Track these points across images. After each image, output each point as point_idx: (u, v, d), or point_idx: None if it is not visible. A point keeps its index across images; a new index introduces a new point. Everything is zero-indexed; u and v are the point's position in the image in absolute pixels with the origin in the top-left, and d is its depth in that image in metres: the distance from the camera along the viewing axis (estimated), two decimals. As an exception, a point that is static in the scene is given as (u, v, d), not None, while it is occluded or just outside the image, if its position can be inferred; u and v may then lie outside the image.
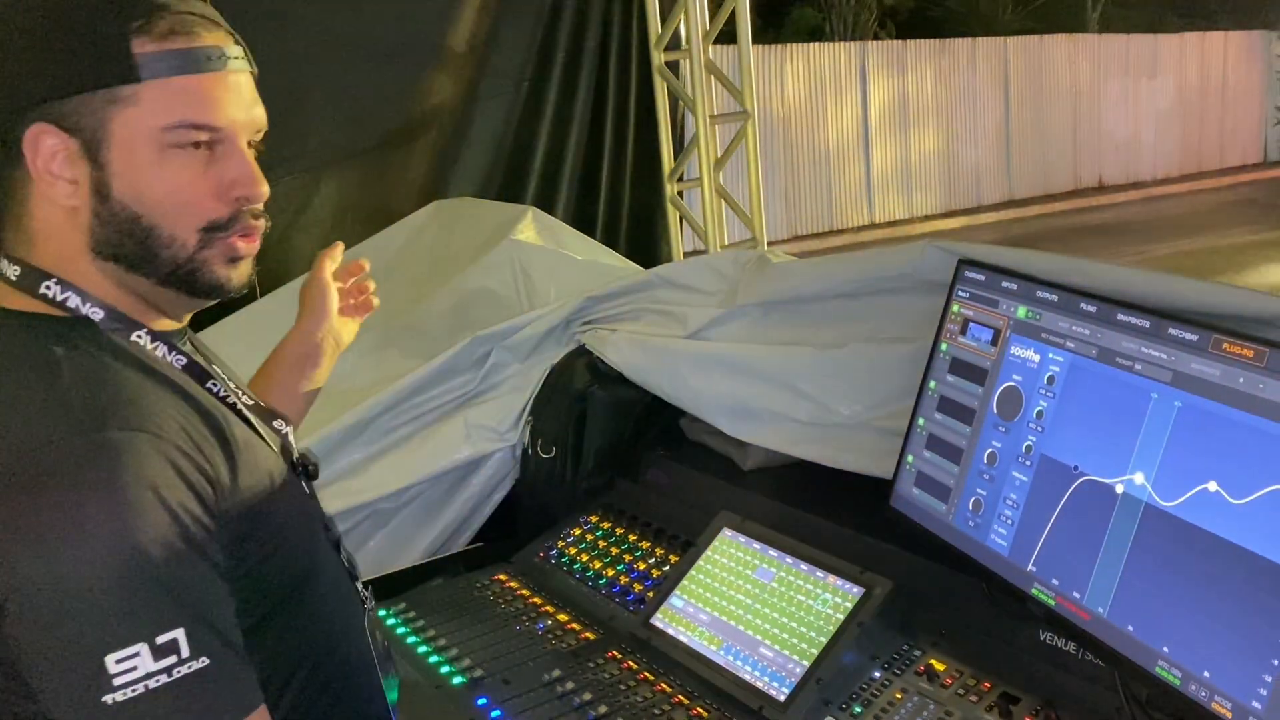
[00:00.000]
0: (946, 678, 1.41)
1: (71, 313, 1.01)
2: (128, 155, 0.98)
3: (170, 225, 1.01)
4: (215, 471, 0.97)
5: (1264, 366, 1.09)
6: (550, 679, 1.57)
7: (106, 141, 0.97)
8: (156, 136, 0.98)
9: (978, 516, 1.41)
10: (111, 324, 1.02)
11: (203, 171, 1.01)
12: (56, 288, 1.01)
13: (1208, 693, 1.08)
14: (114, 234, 1.00)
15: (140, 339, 1.04)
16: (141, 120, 0.97)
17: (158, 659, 0.86)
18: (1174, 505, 1.15)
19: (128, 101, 0.97)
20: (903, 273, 1.59)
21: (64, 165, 0.97)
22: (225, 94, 1.01)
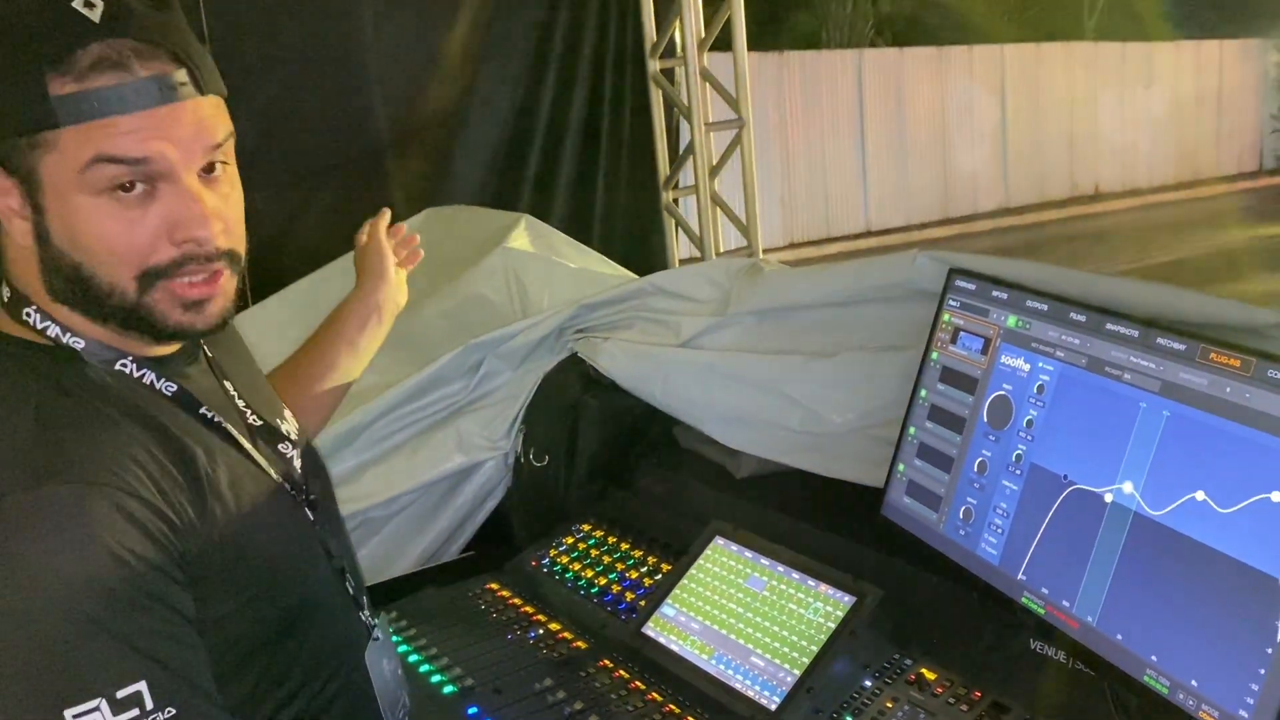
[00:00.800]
0: (937, 686, 1.40)
1: (54, 341, 0.99)
2: (59, 200, 0.94)
3: (107, 273, 0.96)
4: (180, 515, 0.95)
5: (1250, 376, 1.09)
6: (541, 688, 1.56)
7: (39, 186, 0.94)
8: (78, 180, 0.93)
9: (968, 525, 1.41)
10: (93, 352, 1.00)
11: (140, 214, 0.95)
12: (36, 316, 1.00)
13: (1195, 701, 1.08)
14: (59, 279, 0.97)
15: (125, 367, 1.01)
16: (64, 164, 0.93)
17: (118, 713, 0.85)
18: (1162, 514, 1.15)
19: (50, 146, 0.92)
20: (894, 282, 1.60)
21: (16, 202, 0.96)
22: (157, 126, 0.94)
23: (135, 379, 1.02)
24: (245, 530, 1.01)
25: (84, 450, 0.91)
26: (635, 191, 4.48)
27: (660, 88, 4.43)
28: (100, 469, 0.91)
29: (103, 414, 0.95)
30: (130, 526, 0.90)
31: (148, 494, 0.92)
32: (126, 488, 0.91)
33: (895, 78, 13.62)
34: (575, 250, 2.60)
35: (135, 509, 0.91)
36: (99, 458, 0.92)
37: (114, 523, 0.89)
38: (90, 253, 0.95)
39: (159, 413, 1.00)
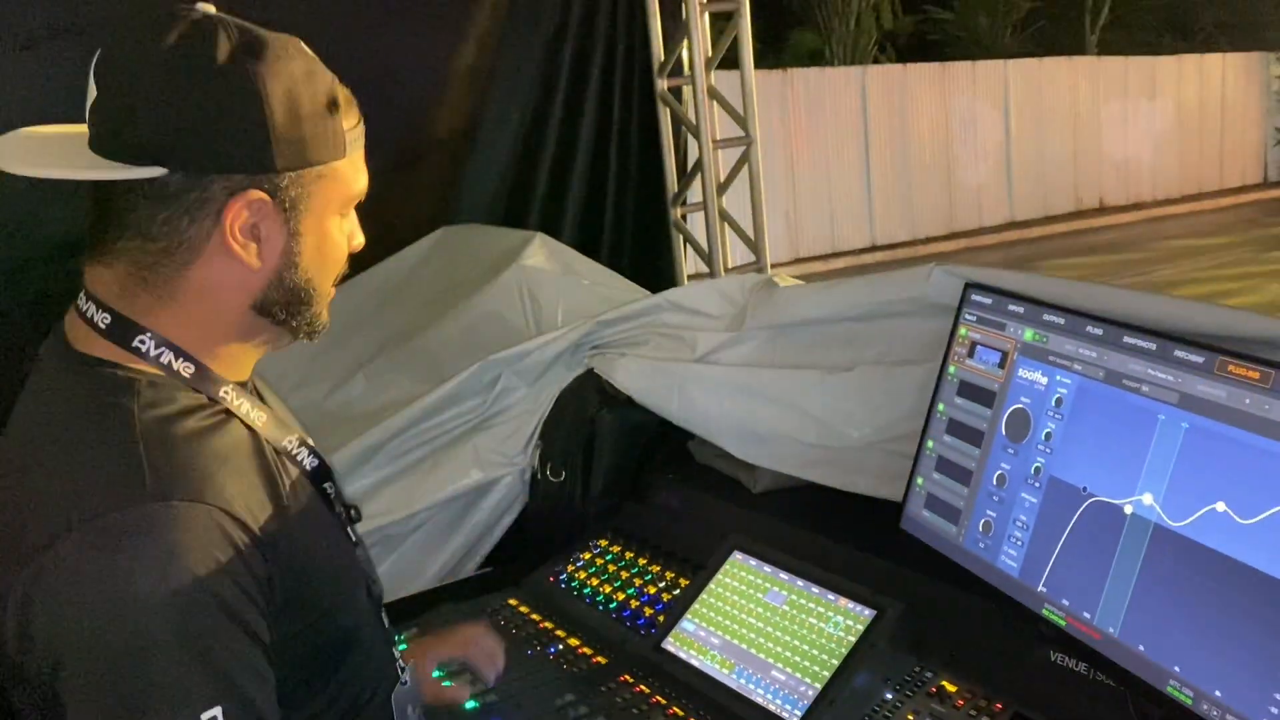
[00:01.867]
0: (958, 699, 1.41)
1: (163, 368, 1.01)
2: (317, 224, 1.03)
3: (326, 283, 1.08)
4: (271, 541, 0.97)
5: (1269, 388, 1.10)
6: (563, 703, 1.57)
7: (305, 212, 1.02)
8: (340, 206, 1.05)
9: (988, 538, 1.42)
10: (199, 379, 1.03)
11: (346, 231, 1.08)
12: (151, 342, 1.01)
13: (1219, 712, 1.09)
14: (286, 294, 1.04)
15: (227, 394, 1.04)
16: (335, 192, 1.03)
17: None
18: (1183, 525, 1.16)
19: (330, 176, 1.02)
20: (909, 296, 1.61)
21: (259, 231, 1.00)
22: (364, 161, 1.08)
23: (234, 407, 1.04)
24: (312, 558, 1.04)
25: (185, 467, 0.94)
26: (644, 208, 4.49)
27: (668, 106, 4.46)
28: (212, 491, 0.94)
29: (206, 440, 0.98)
30: (234, 554, 0.92)
31: (250, 521, 0.95)
32: (236, 513, 0.94)
33: (899, 94, 13.66)
34: (589, 267, 2.62)
35: (233, 530, 0.93)
36: (212, 479, 0.95)
37: (222, 546, 0.92)
38: (323, 268, 1.06)
39: (246, 441, 1.04)
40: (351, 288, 2.90)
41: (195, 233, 0.98)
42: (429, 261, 2.88)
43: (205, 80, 0.95)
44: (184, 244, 0.99)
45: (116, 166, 0.95)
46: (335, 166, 1.02)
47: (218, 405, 1.03)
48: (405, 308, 2.77)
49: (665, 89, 4.44)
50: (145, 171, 0.95)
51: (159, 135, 0.94)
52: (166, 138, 0.94)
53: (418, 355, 2.52)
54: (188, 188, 0.96)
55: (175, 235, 0.98)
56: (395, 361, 2.55)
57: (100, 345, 1.00)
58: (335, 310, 3.13)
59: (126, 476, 0.91)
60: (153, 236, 0.98)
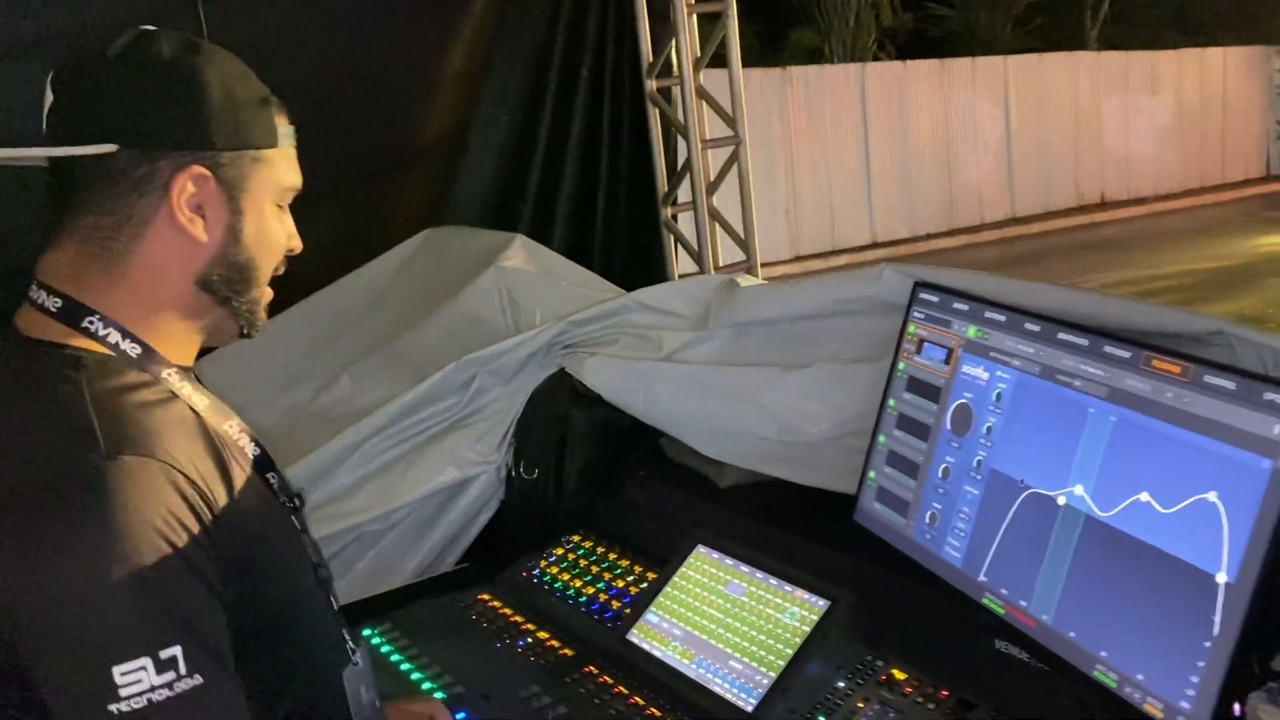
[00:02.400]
0: (906, 686, 1.45)
1: (111, 348, 1.08)
2: (257, 207, 1.13)
3: (266, 265, 1.16)
4: (216, 501, 1.04)
5: (1189, 382, 1.14)
6: (528, 694, 1.62)
7: (246, 192, 1.12)
8: (276, 194, 1.16)
9: (934, 529, 1.46)
10: (146, 361, 1.10)
11: (284, 227, 1.18)
12: (99, 323, 1.08)
13: (1141, 694, 1.13)
14: (225, 269, 1.13)
15: (170, 375, 1.11)
16: (271, 178, 1.14)
17: (160, 673, 0.91)
18: (1110, 515, 1.20)
19: (265, 162, 1.13)
20: (862, 295, 1.65)
21: (207, 206, 1.10)
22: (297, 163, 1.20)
23: (177, 386, 1.12)
24: (256, 527, 1.10)
25: (140, 429, 1.01)
26: (635, 209, 4.53)
27: (657, 107, 4.50)
28: (159, 448, 1.00)
29: (149, 406, 1.06)
30: (184, 505, 0.99)
31: (196, 478, 1.02)
32: (183, 468, 1.01)
33: (898, 90, 13.67)
34: (567, 268, 2.66)
35: (188, 490, 1.00)
36: (159, 438, 1.01)
37: (171, 498, 0.98)
38: (264, 250, 1.15)
39: (192, 419, 1.10)
40: (338, 289, 2.97)
41: (144, 207, 1.07)
42: (413, 263, 2.93)
43: (150, 70, 1.07)
44: (134, 218, 1.07)
45: (72, 148, 1.05)
46: (269, 154, 1.13)
47: (163, 385, 1.09)
48: (390, 309, 2.81)
49: (654, 90, 4.47)
50: (98, 148, 1.04)
51: (110, 117, 1.05)
52: (116, 118, 1.05)
53: (401, 356, 2.56)
54: (137, 163, 1.06)
55: (126, 209, 1.07)
56: (379, 362, 2.59)
57: (51, 329, 1.07)
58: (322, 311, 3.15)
59: (76, 439, 0.97)
60: (106, 211, 1.07)
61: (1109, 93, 15.37)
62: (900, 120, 13.69)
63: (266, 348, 2.76)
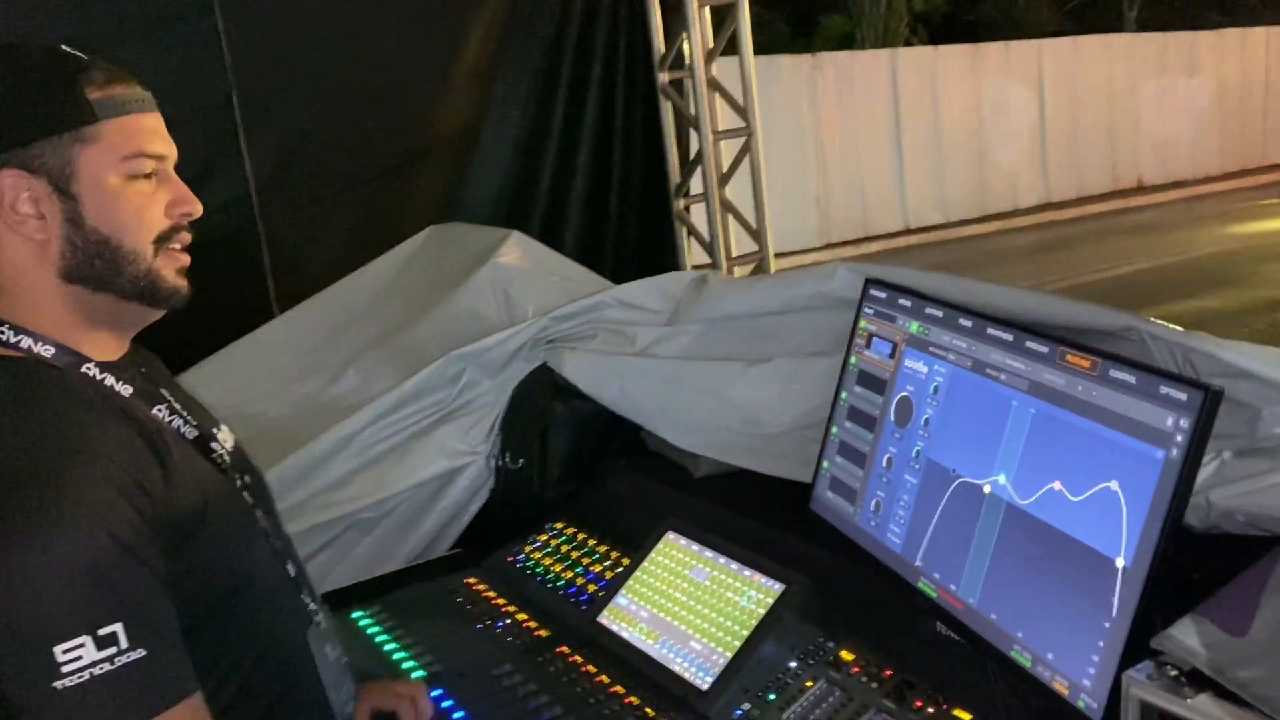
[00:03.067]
0: (853, 667, 1.52)
1: (25, 353, 1.13)
2: (95, 186, 1.13)
3: (132, 241, 1.16)
4: (151, 485, 1.08)
5: (1098, 376, 1.19)
6: (500, 672, 1.70)
7: (75, 176, 1.12)
8: (118, 166, 1.14)
9: (878, 516, 1.52)
10: (62, 358, 1.14)
11: (152, 194, 1.17)
12: (9, 332, 1.13)
13: (1050, 673, 1.19)
14: (84, 256, 1.14)
15: (89, 370, 1.16)
16: (105, 154, 1.13)
17: (100, 649, 0.97)
18: (1028, 503, 1.26)
19: (90, 139, 1.13)
20: (819, 291, 1.71)
21: (32, 204, 1.11)
22: (157, 130, 1.19)
23: (98, 381, 1.16)
24: (198, 507, 1.14)
25: (69, 426, 1.06)
26: (647, 201, 4.59)
27: (669, 99, 4.55)
28: (85, 441, 1.05)
29: (75, 403, 1.10)
30: (114, 492, 1.03)
31: (126, 464, 1.06)
32: (110, 456, 1.05)
33: (930, 76, 13.58)
34: (560, 263, 2.73)
35: (117, 476, 1.04)
36: (83, 432, 1.06)
37: (100, 487, 1.02)
38: (121, 225, 1.14)
39: (120, 409, 1.15)
40: (348, 284, 3.07)
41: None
42: (417, 259, 3.01)
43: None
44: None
45: None
46: (92, 130, 1.12)
47: (85, 380, 1.14)
48: (395, 304, 2.90)
49: (666, 82, 4.53)
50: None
51: None
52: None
53: (403, 350, 2.65)
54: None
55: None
56: (383, 356, 2.68)
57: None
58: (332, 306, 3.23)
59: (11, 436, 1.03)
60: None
61: (1146, 75, 15.15)
62: (932, 106, 13.60)
63: (279, 341, 2.87)
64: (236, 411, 2.57)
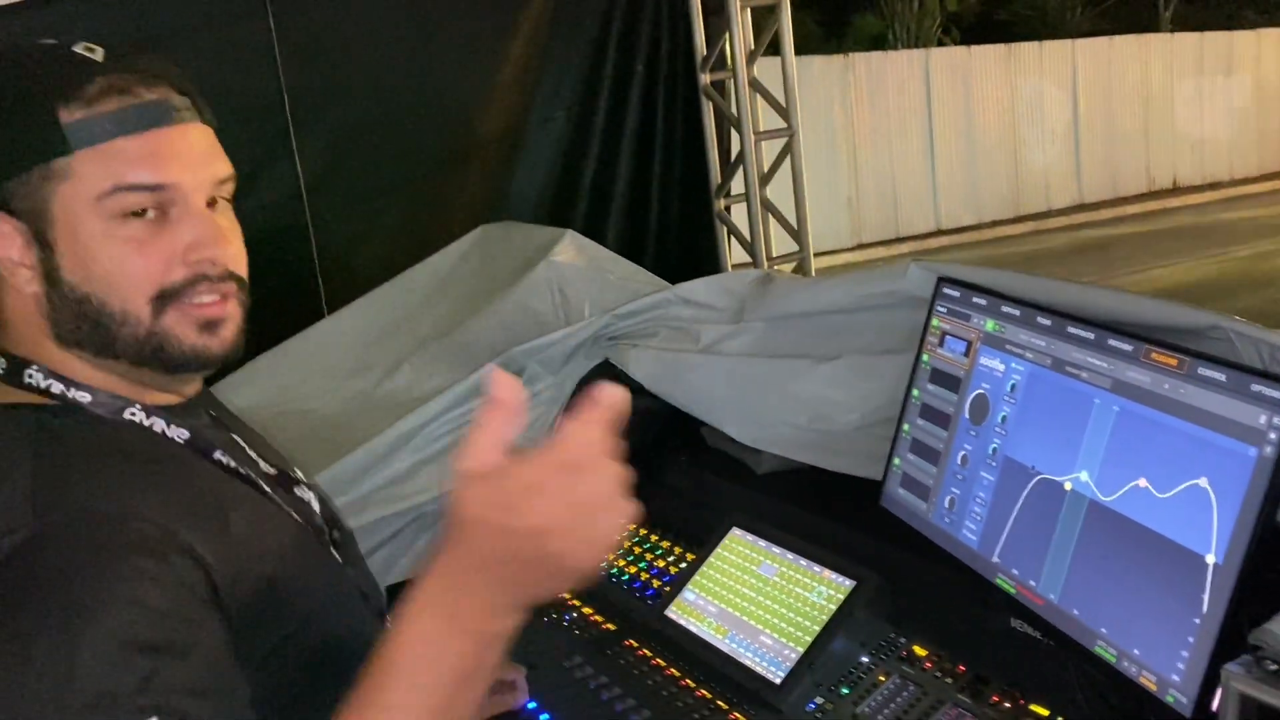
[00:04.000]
0: (926, 662, 1.53)
1: (59, 399, 0.95)
2: (71, 233, 0.92)
3: (120, 301, 0.94)
4: (208, 558, 0.88)
5: (1185, 373, 1.20)
6: (571, 664, 1.72)
7: (50, 221, 0.92)
8: (94, 208, 0.92)
9: (952, 513, 1.53)
10: (101, 404, 0.96)
11: (153, 238, 0.94)
12: (39, 375, 0.95)
13: (1137, 668, 1.20)
14: (69, 319, 0.94)
15: (134, 415, 0.97)
16: (78, 193, 0.91)
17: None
18: (1111, 500, 1.27)
19: (62, 176, 0.91)
20: (889, 290, 1.73)
21: (18, 251, 0.93)
22: (169, 150, 0.94)
23: (145, 427, 0.97)
24: (271, 567, 0.95)
25: (90, 487, 0.87)
26: (688, 202, 4.61)
27: (711, 100, 4.57)
28: (110, 502, 0.86)
29: (109, 454, 0.92)
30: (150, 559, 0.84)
31: (167, 521, 0.87)
32: (146, 515, 0.86)
33: (963, 76, 13.55)
34: (615, 262, 2.75)
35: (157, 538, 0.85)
36: (107, 492, 0.87)
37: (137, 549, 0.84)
38: (103, 281, 0.93)
39: (171, 458, 0.96)
40: (400, 282, 3.11)
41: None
42: (469, 258, 3.05)
43: None
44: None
45: None
46: (61, 164, 0.91)
47: (130, 429, 0.96)
48: (448, 302, 2.94)
49: (708, 83, 4.55)
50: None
51: None
52: None
53: (457, 347, 2.69)
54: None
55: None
56: (438, 352, 2.71)
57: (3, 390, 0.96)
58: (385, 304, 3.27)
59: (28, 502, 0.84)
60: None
61: (1182, 75, 15.03)
62: (965, 106, 13.56)
63: (331, 339, 2.91)
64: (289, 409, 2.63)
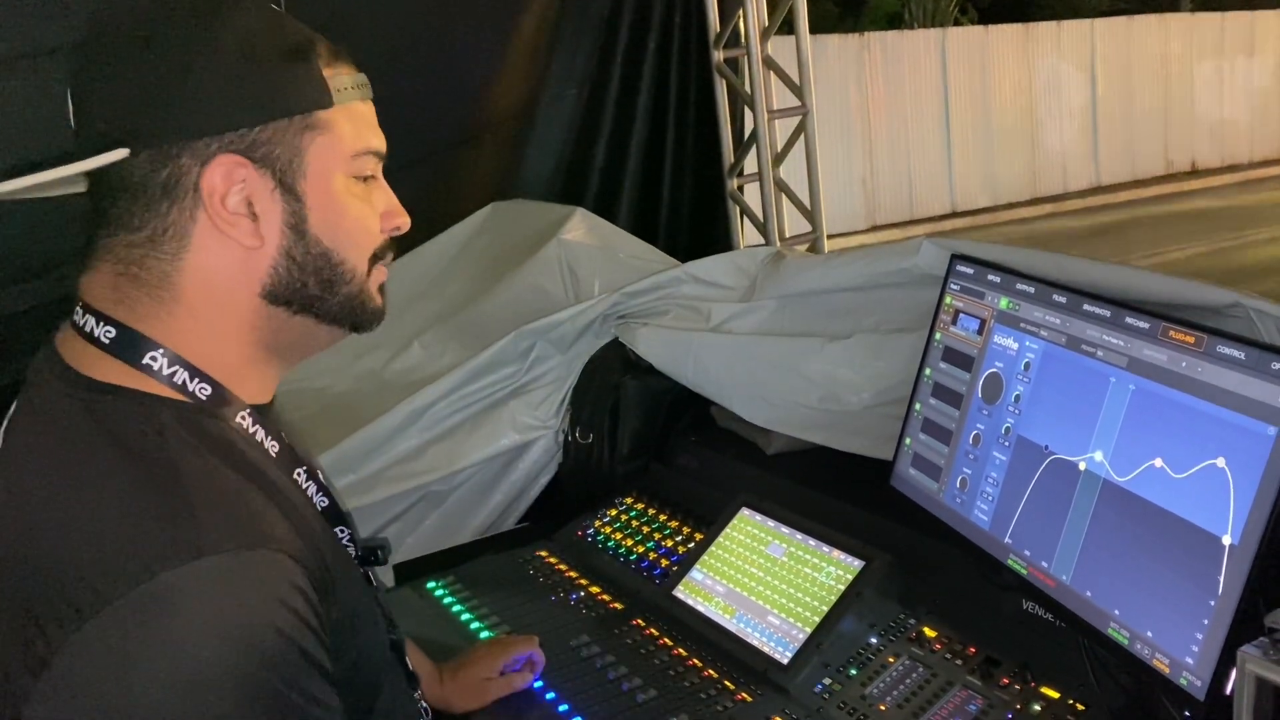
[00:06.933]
0: (936, 643, 1.51)
1: (177, 389, 0.90)
2: (323, 186, 0.92)
3: (354, 256, 0.96)
4: (317, 577, 0.86)
5: (1203, 351, 1.18)
6: (578, 643, 1.71)
7: (303, 172, 0.91)
8: (347, 165, 0.94)
9: (964, 493, 1.51)
10: (216, 402, 0.91)
11: (370, 201, 0.97)
12: (164, 359, 0.89)
13: (1150, 650, 1.18)
14: (299, 273, 0.93)
15: (243, 421, 0.93)
16: (335, 148, 0.93)
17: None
18: (1127, 480, 1.24)
19: (322, 128, 0.92)
20: (902, 268, 1.70)
21: (245, 202, 0.90)
22: (377, 123, 0.98)
23: (250, 435, 0.94)
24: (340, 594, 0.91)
25: (234, 508, 0.83)
26: (701, 180, 4.58)
27: (724, 78, 4.53)
28: (257, 528, 0.83)
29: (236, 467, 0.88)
30: (293, 591, 0.82)
31: (296, 553, 0.84)
32: (282, 547, 0.83)
33: (980, 56, 13.41)
34: (625, 240, 2.73)
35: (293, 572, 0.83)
36: (250, 515, 0.84)
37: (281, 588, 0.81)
38: (347, 238, 0.95)
39: (270, 473, 0.92)
40: (410, 260, 3.10)
41: (178, 216, 0.89)
42: (479, 236, 3.03)
43: (149, 45, 0.87)
44: (169, 230, 0.89)
45: (79, 164, 0.87)
46: (323, 116, 0.92)
47: (239, 433, 0.92)
48: (457, 280, 2.93)
49: (721, 60, 4.51)
50: (107, 157, 0.86)
51: (115, 115, 0.87)
52: (121, 116, 0.87)
53: (467, 325, 2.68)
54: (156, 166, 0.87)
55: (157, 222, 0.89)
56: (447, 331, 2.70)
57: (105, 365, 0.89)
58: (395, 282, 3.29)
59: (169, 528, 0.79)
60: (135, 227, 0.89)
61: (1202, 55, 14.86)
62: (982, 87, 13.43)
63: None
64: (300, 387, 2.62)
